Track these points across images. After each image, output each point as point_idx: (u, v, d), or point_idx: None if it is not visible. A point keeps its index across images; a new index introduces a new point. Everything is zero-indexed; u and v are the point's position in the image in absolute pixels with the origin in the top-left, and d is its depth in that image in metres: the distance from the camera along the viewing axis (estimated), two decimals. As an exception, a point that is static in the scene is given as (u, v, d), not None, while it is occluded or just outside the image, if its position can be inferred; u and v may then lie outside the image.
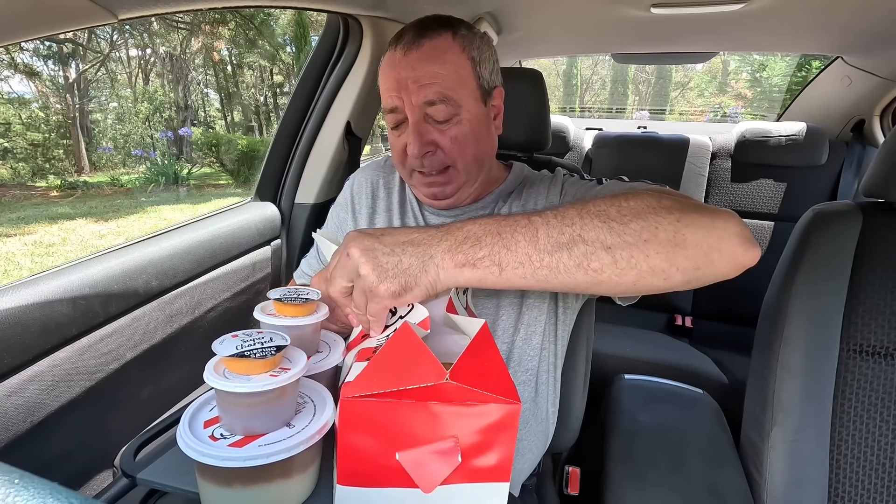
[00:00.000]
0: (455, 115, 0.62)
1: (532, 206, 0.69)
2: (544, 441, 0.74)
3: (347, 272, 0.48)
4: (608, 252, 0.45)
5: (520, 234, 0.46)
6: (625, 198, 0.48)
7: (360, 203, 0.78)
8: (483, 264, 0.46)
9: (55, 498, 0.15)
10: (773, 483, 0.75)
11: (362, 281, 0.46)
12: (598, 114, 16.10)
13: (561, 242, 0.45)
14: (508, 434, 0.36)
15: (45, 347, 0.68)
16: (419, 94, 0.61)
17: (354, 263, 0.47)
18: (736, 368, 1.38)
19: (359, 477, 0.38)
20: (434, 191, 0.67)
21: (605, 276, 0.45)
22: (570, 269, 0.45)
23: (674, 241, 0.45)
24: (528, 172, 0.77)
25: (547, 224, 0.46)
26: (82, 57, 9.15)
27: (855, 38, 1.33)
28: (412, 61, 0.61)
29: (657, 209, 0.46)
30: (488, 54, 0.66)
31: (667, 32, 1.42)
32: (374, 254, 0.46)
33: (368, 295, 0.46)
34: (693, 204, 0.49)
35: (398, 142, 0.66)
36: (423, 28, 0.62)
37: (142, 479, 0.48)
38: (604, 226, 0.45)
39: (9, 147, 7.76)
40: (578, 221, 0.46)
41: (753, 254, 0.47)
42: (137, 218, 6.22)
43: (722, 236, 0.46)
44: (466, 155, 0.65)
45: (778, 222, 1.70)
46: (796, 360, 0.74)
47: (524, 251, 0.45)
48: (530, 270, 0.45)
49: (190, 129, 9.02)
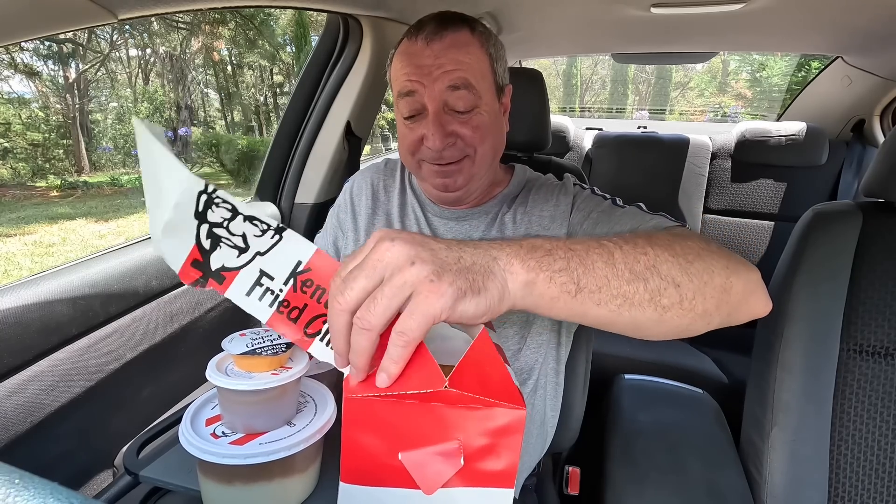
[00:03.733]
0: (476, 106, 0.62)
1: (538, 213, 0.68)
2: (542, 444, 0.74)
3: (378, 268, 0.33)
4: (677, 290, 0.41)
5: (595, 254, 0.39)
6: (680, 235, 0.46)
7: (360, 204, 0.77)
8: (560, 279, 0.37)
9: (55, 498, 0.15)
10: (773, 483, 0.75)
11: (411, 272, 0.32)
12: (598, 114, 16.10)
13: (637, 271, 0.40)
14: (514, 439, 0.35)
15: (45, 347, 0.68)
16: (443, 79, 0.60)
17: (397, 254, 0.33)
18: (736, 368, 1.38)
19: (362, 475, 0.38)
20: (445, 181, 0.66)
21: (669, 314, 0.41)
22: (643, 302, 0.40)
23: (723, 287, 0.44)
24: (531, 175, 0.76)
25: (621, 249, 0.40)
26: (82, 57, 9.15)
27: (855, 38, 1.33)
28: (436, 50, 0.61)
29: (709, 252, 0.45)
30: (502, 52, 0.67)
31: (667, 32, 1.42)
32: (426, 244, 0.34)
33: (419, 292, 0.32)
34: (728, 251, 0.48)
35: (412, 133, 0.64)
36: (443, 21, 0.63)
37: (144, 477, 0.48)
38: (674, 261, 0.42)
39: (9, 147, 7.76)
40: (651, 252, 0.41)
41: (768, 307, 0.48)
42: (137, 218, 6.22)
43: (754, 289, 0.47)
44: (485, 144, 0.65)
45: (778, 222, 1.70)
46: (796, 360, 0.74)
47: (602, 273, 0.38)
48: (606, 297, 0.38)
49: (190, 129, 9.02)
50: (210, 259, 0.36)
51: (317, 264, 0.37)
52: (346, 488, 0.38)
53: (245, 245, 0.36)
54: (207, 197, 0.34)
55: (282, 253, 0.36)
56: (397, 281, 0.32)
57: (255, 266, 0.37)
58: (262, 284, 0.37)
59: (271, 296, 0.37)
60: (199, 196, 0.34)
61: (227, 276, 0.37)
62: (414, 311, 0.31)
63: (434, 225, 0.72)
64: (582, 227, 0.64)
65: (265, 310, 0.37)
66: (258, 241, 0.36)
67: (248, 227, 0.36)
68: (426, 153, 0.64)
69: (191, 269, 0.36)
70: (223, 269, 0.36)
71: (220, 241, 0.36)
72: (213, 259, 0.36)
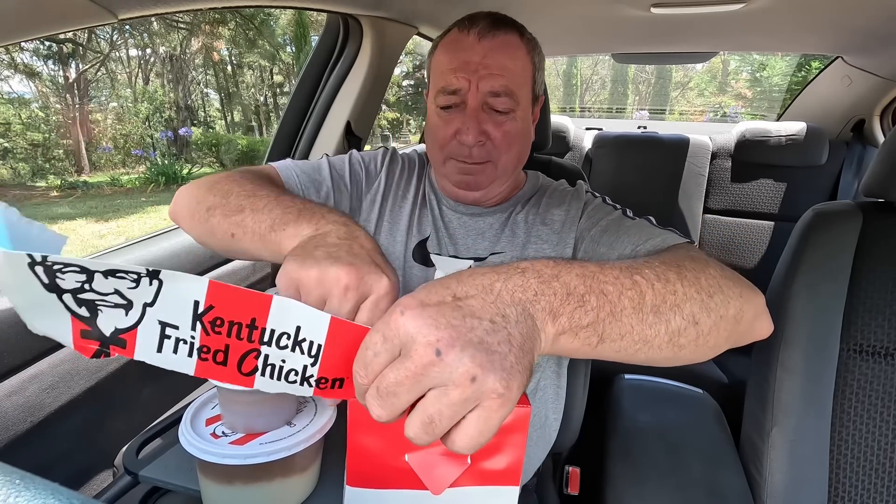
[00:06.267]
0: (513, 110, 0.63)
1: (550, 217, 0.69)
2: (544, 446, 0.74)
3: (424, 382, 0.28)
4: (695, 328, 0.39)
5: (626, 299, 0.36)
6: (701, 262, 0.44)
7: (390, 177, 0.73)
8: (585, 335, 0.34)
9: (56, 498, 0.15)
10: (773, 483, 0.75)
11: (473, 389, 0.27)
12: (598, 114, 16.10)
13: (661, 312, 0.37)
14: (519, 437, 0.35)
15: (45, 347, 0.68)
16: (487, 81, 0.61)
17: (451, 366, 0.27)
18: (736, 368, 1.38)
19: (368, 478, 0.38)
20: (468, 179, 0.66)
21: (684, 352, 0.39)
22: (662, 344, 0.37)
23: (735, 318, 0.42)
24: (545, 181, 0.77)
25: (652, 288, 0.38)
26: (82, 57, 9.15)
27: (855, 38, 1.33)
28: (486, 49, 0.61)
29: (725, 280, 0.44)
30: (543, 63, 0.69)
31: (667, 32, 1.42)
32: (471, 338, 0.28)
33: (484, 407, 0.28)
34: (738, 275, 0.47)
35: (446, 126, 0.64)
36: (496, 21, 0.63)
37: (144, 477, 0.48)
38: (697, 297, 0.40)
39: (9, 147, 7.76)
40: (679, 291, 0.39)
41: (771, 328, 0.48)
42: (137, 218, 6.21)
43: (760, 314, 0.46)
44: (511, 151, 0.65)
45: (778, 222, 1.70)
46: (796, 360, 0.74)
47: (628, 322, 0.36)
48: (628, 343, 0.36)
49: (190, 128, 9.02)
50: (98, 325, 0.31)
51: (218, 299, 0.32)
52: (353, 492, 0.38)
53: (126, 300, 0.31)
54: (44, 268, 0.28)
55: (170, 298, 0.31)
56: (455, 398, 0.27)
57: (150, 319, 0.32)
58: (168, 337, 0.32)
59: (185, 346, 0.33)
60: (34, 269, 0.28)
61: (126, 338, 0.32)
62: (483, 429, 0.28)
63: (448, 218, 0.72)
64: (590, 234, 0.65)
65: (186, 362, 0.33)
66: (138, 293, 0.31)
67: (115, 282, 0.30)
68: (456, 149, 0.64)
69: (84, 342, 0.32)
70: (118, 331, 0.32)
71: (96, 304, 0.31)
72: (101, 324, 0.31)
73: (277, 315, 0.33)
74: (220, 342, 0.33)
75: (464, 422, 0.28)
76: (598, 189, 0.74)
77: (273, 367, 0.34)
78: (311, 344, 0.34)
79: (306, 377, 0.34)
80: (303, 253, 0.39)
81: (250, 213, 0.48)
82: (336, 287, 0.36)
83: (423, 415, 0.28)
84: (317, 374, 0.34)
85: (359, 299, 0.37)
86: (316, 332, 0.33)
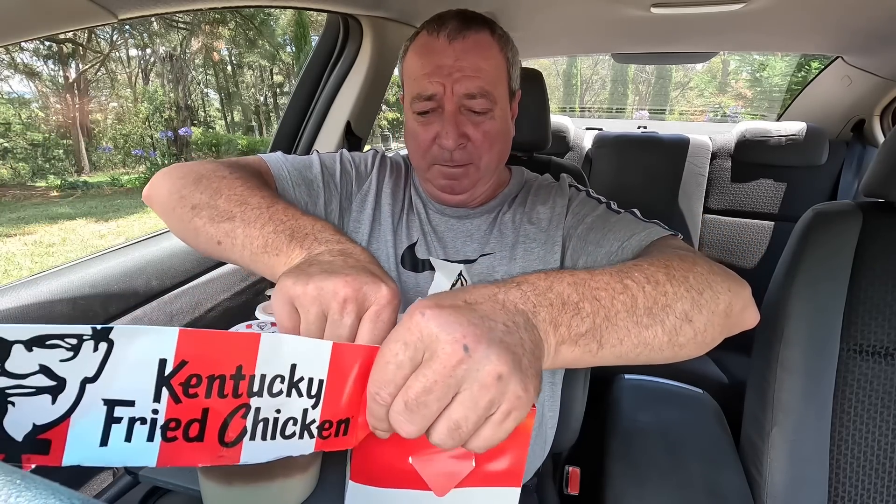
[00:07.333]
0: (490, 110, 0.63)
1: (536, 216, 0.69)
2: (543, 446, 0.74)
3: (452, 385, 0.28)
4: (691, 325, 0.40)
5: (619, 303, 0.37)
6: (688, 260, 0.45)
7: (380, 181, 0.73)
8: (584, 342, 0.35)
9: (57, 498, 0.15)
10: (773, 483, 0.75)
11: (498, 390, 0.28)
12: (598, 114, 16.12)
13: (654, 313, 0.38)
14: (521, 438, 0.35)
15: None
16: (462, 84, 0.60)
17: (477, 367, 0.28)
18: (736, 368, 1.38)
19: (372, 476, 0.38)
20: (452, 183, 0.66)
21: (684, 351, 0.40)
22: (662, 345, 0.38)
23: (726, 312, 0.44)
24: (529, 176, 0.77)
25: (643, 290, 0.39)
26: (82, 57, 9.15)
27: (855, 38, 1.33)
28: (457, 51, 0.60)
29: (713, 275, 0.44)
30: (518, 57, 0.67)
31: (667, 32, 1.42)
32: (493, 333, 0.29)
33: (507, 409, 0.29)
34: (724, 269, 0.48)
35: (425, 131, 0.64)
36: (465, 20, 0.62)
37: (144, 476, 0.48)
38: (688, 296, 0.40)
39: (9, 147, 7.77)
40: (670, 291, 0.40)
41: (757, 318, 0.49)
42: (137, 218, 6.22)
43: (747, 305, 0.47)
44: (492, 152, 0.65)
45: (778, 222, 1.70)
46: (796, 360, 0.74)
47: (624, 325, 0.36)
48: (628, 348, 0.37)
49: (190, 128, 9.02)
50: (5, 428, 0.23)
51: (192, 352, 0.26)
52: (355, 487, 0.38)
53: (56, 380, 0.23)
54: None
55: (123, 365, 0.25)
56: (483, 403, 0.28)
57: (91, 402, 0.24)
58: (118, 420, 0.25)
59: (143, 427, 0.25)
60: None
61: (50, 437, 0.24)
62: (499, 430, 0.29)
63: (435, 222, 0.72)
64: (577, 232, 0.65)
65: (145, 450, 0.26)
66: (75, 366, 0.24)
67: (41, 354, 0.23)
68: (438, 154, 0.64)
69: None
70: (37, 430, 0.23)
71: (6, 396, 0.23)
72: (9, 425, 0.23)
73: (268, 355, 0.28)
74: (194, 409, 0.26)
75: (483, 423, 0.29)
76: (598, 189, 0.74)
77: (266, 423, 0.29)
78: (310, 382, 0.30)
79: (307, 425, 0.30)
80: (297, 270, 0.38)
81: (241, 225, 0.46)
82: (334, 301, 0.35)
83: (449, 421, 0.28)
84: (319, 418, 0.31)
85: (359, 311, 0.35)
86: (315, 366, 0.30)
